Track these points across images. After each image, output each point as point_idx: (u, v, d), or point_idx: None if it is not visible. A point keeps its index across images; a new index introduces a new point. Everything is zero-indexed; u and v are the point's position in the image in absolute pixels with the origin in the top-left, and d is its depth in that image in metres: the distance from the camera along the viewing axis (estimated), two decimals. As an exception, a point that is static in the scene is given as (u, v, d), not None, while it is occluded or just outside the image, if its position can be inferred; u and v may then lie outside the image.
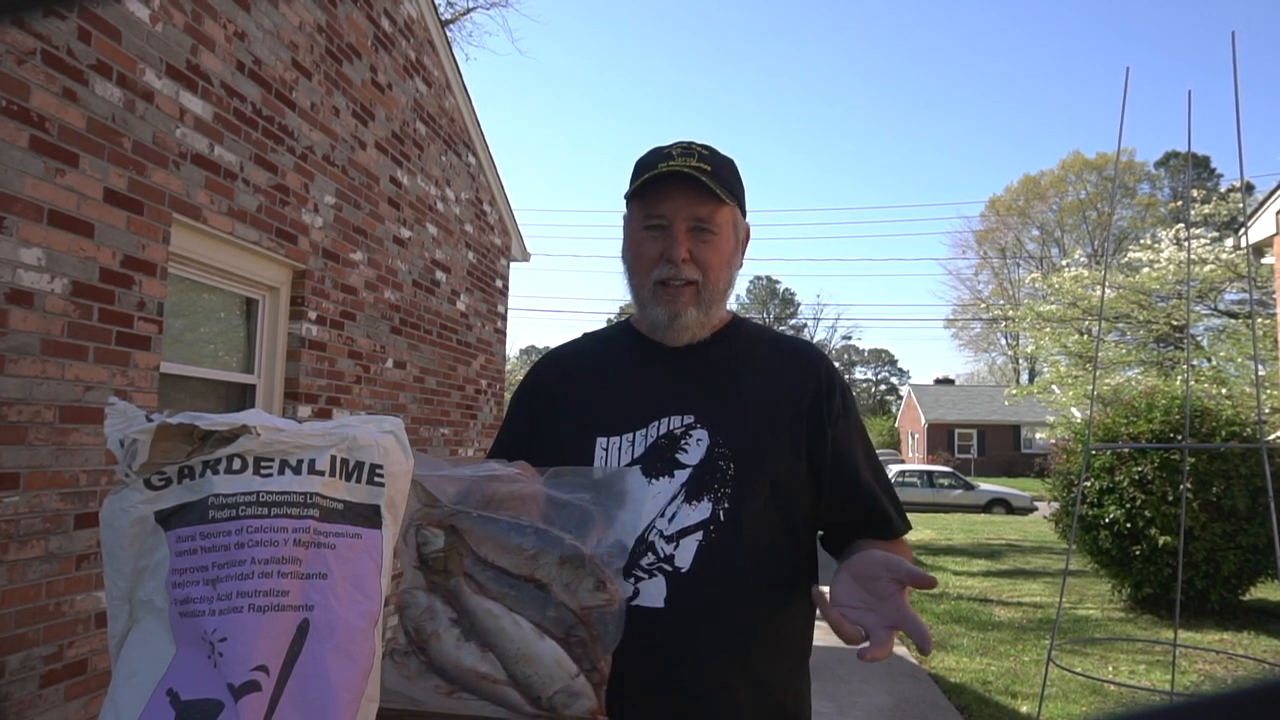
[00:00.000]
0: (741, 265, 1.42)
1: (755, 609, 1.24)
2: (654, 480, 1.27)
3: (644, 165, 1.33)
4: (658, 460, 1.28)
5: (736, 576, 1.21)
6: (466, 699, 1.09)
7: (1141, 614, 7.78)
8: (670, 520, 1.25)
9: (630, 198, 1.34)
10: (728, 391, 1.33)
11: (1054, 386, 16.78)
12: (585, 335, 1.56)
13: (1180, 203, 25.96)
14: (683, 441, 1.29)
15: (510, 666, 1.07)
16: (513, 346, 52.79)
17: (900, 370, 67.17)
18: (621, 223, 1.42)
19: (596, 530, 1.12)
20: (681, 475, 1.27)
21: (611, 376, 1.39)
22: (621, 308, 46.52)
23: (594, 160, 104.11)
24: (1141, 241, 18.28)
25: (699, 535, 1.24)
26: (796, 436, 1.31)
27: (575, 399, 1.39)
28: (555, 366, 1.47)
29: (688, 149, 1.32)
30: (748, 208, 1.41)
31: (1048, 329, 16.78)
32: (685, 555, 1.23)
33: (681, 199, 1.29)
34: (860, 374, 66.63)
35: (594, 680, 1.08)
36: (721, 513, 1.25)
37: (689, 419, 1.30)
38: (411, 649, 1.12)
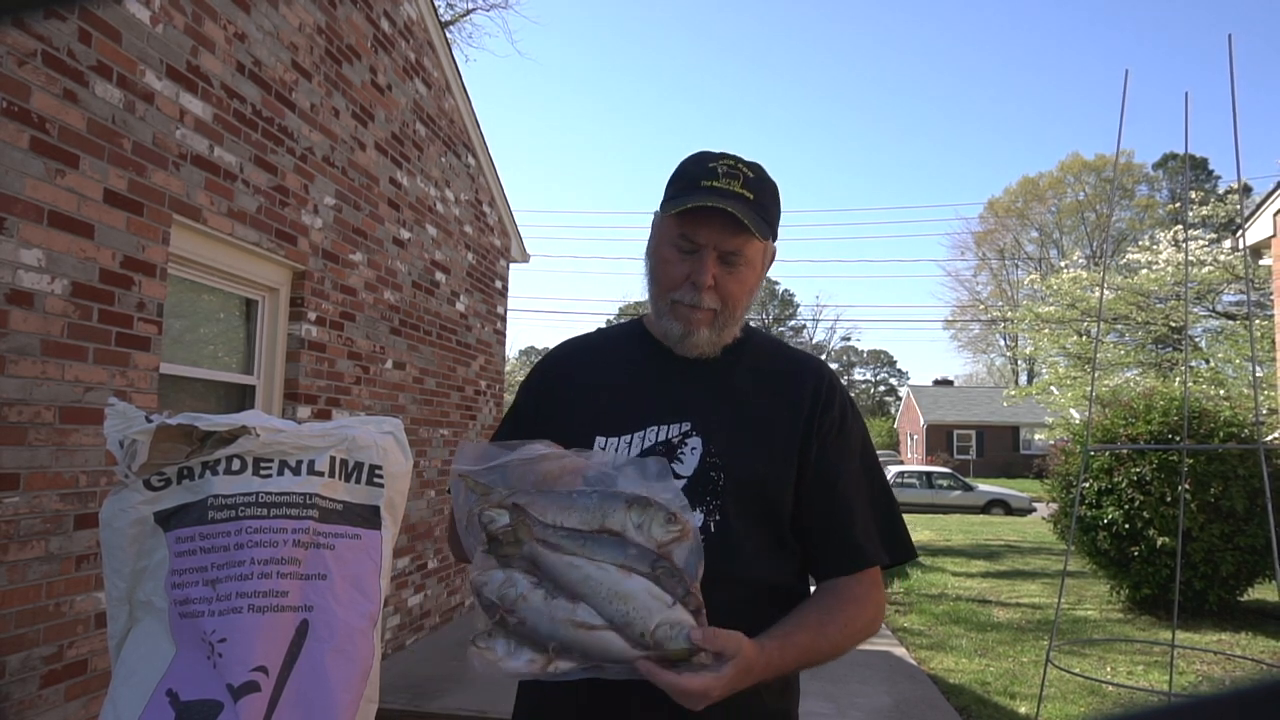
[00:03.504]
0: (761, 286, 1.41)
1: (743, 617, 1.24)
2: None
3: (687, 178, 1.30)
4: None
5: (725, 585, 1.21)
6: (564, 668, 1.07)
7: (1140, 615, 7.78)
8: None
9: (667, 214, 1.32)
10: (726, 401, 1.33)
11: (1053, 388, 16.80)
12: (598, 331, 1.57)
13: (1178, 204, 25.99)
14: (679, 450, 1.29)
15: (605, 609, 1.05)
16: (512, 348, 52.78)
17: (899, 371, 67.14)
18: (653, 221, 1.40)
19: (652, 486, 1.14)
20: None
21: (616, 376, 1.40)
22: (621, 309, 46.51)
23: (594, 161, 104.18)
24: (1140, 243, 18.32)
25: None
26: (790, 449, 1.30)
27: (579, 395, 1.40)
28: (565, 361, 1.48)
29: (733, 170, 1.28)
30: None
31: (1046, 330, 16.80)
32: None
33: (718, 227, 1.26)
34: (859, 375, 66.63)
35: (690, 606, 1.06)
36: (713, 524, 1.25)
37: (685, 426, 1.30)
38: (494, 629, 1.08)
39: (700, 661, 1.04)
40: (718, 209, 1.24)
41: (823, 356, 46.55)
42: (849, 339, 63.85)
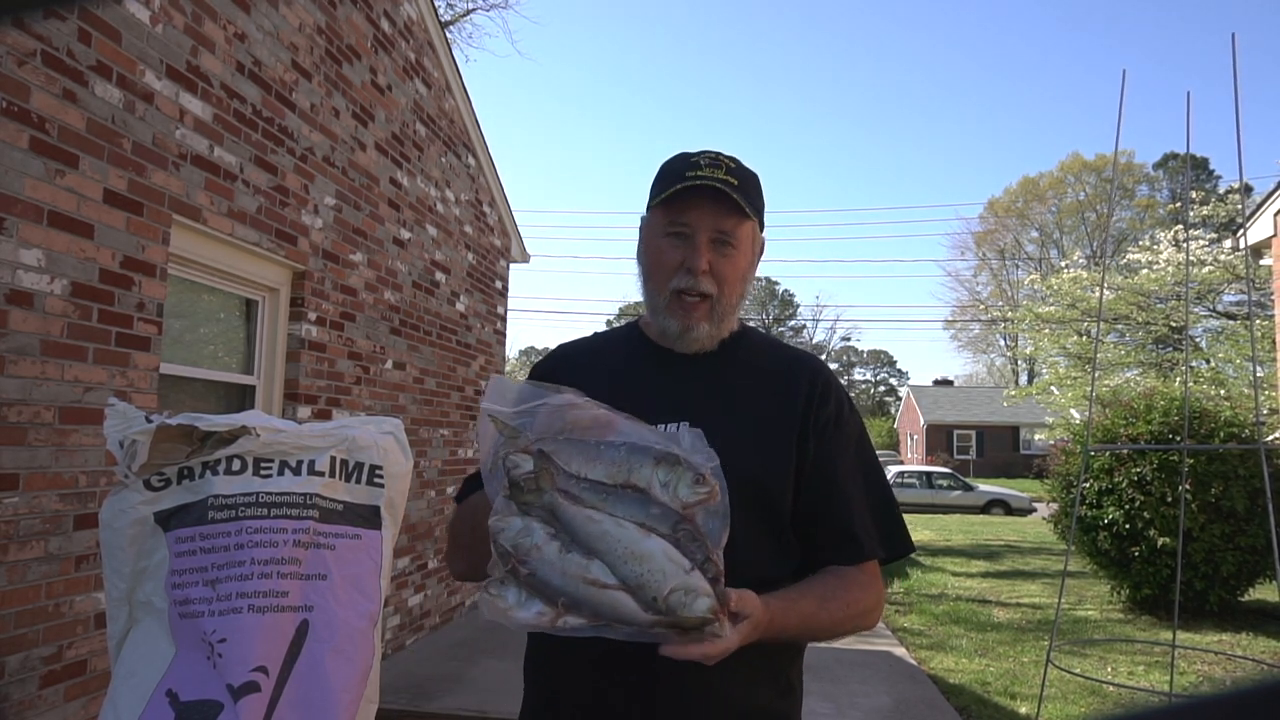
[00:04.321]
0: (754, 279, 1.43)
1: None
2: None
3: (671, 173, 1.34)
4: None
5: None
6: (572, 624, 1.04)
7: (1140, 615, 7.78)
8: None
9: (654, 205, 1.35)
10: (722, 400, 1.34)
11: (1053, 388, 16.81)
12: (595, 334, 1.59)
13: (1179, 204, 25.98)
14: None
15: (619, 569, 1.02)
16: (512, 348, 52.81)
17: (899, 371, 67.11)
18: (639, 226, 1.43)
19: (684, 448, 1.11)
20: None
21: (611, 378, 1.41)
22: (621, 309, 46.48)
23: (594, 162, 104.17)
24: (1140, 243, 18.33)
25: None
26: (787, 445, 1.31)
27: None
28: (562, 363, 1.50)
29: (715, 160, 1.33)
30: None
31: (1046, 330, 16.80)
32: None
33: (708, 209, 1.30)
34: (859, 375, 66.61)
35: (709, 574, 1.04)
36: None
37: (680, 426, 1.31)
38: (508, 576, 1.05)
39: (713, 632, 1.03)
40: (706, 189, 1.28)
41: (823, 356, 46.54)
42: (849, 339, 63.88)
